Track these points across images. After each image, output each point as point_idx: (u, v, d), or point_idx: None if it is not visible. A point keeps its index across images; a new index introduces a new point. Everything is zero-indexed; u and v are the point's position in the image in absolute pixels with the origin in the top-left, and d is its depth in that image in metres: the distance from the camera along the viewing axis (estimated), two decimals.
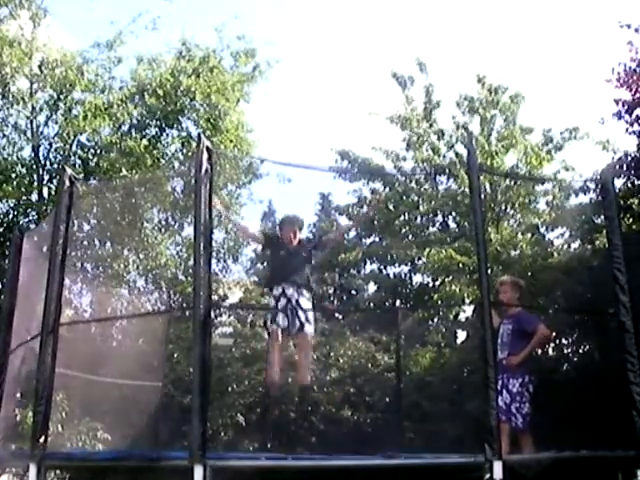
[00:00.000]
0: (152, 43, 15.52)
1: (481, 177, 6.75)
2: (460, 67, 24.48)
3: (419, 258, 13.38)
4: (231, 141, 14.38)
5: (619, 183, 9.29)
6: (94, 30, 14.82)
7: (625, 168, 9.27)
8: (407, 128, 14.60)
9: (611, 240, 5.45)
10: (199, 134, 5.43)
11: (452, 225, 14.51)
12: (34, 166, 14.14)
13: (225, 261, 14.40)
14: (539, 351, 7.73)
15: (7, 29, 13.71)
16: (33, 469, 4.83)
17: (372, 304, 15.05)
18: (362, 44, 28.58)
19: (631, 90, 9.16)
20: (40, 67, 13.99)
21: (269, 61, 15.23)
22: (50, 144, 14.32)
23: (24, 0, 13.78)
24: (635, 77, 9.08)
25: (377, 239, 15.26)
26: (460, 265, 10.98)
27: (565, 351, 9.98)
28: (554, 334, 7.14)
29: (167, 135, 14.75)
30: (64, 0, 15.69)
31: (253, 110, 16.37)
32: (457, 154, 14.36)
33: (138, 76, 14.66)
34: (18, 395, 6.74)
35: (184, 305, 11.33)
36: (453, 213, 14.27)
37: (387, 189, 14.75)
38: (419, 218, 14.81)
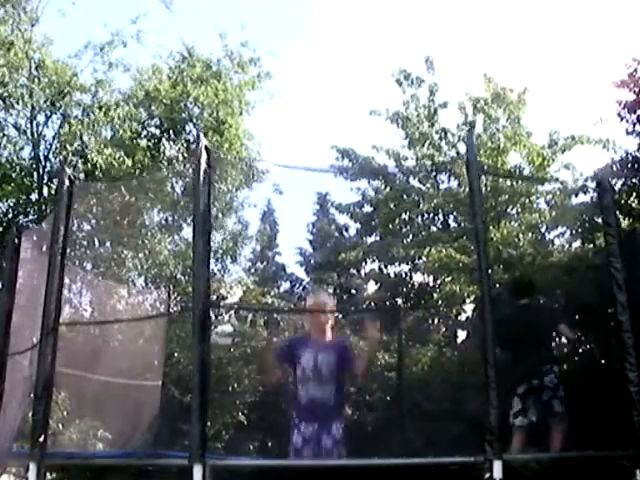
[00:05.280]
0: (155, 50, 15.65)
1: (482, 176, 6.76)
2: (461, 67, 24.48)
3: (419, 257, 13.38)
4: (236, 152, 14.49)
5: (619, 183, 9.28)
6: (93, 33, 14.89)
7: (625, 168, 9.26)
8: (408, 127, 14.62)
9: (609, 239, 5.44)
10: (198, 134, 5.46)
11: (453, 224, 14.51)
12: (34, 166, 14.17)
13: (224, 261, 14.47)
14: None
15: (5, 29, 13.76)
16: (33, 469, 4.84)
17: (372, 303, 15.04)
18: (363, 42, 28.59)
19: (634, 91, 9.13)
20: (37, 69, 14.04)
21: (270, 72, 15.41)
22: (50, 144, 14.36)
23: (23, 1, 13.85)
24: (638, 78, 9.05)
25: (377, 238, 15.26)
26: (460, 264, 10.98)
27: (565, 350, 9.97)
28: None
29: (169, 139, 14.82)
30: (62, 1, 15.70)
31: (255, 111, 16.47)
32: (458, 153, 14.37)
33: (139, 83, 14.76)
34: (32, 396, 6.74)
35: (183, 305, 11.34)
36: (454, 212, 14.28)
37: (388, 188, 14.76)
38: (419, 217, 14.82)
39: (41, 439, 4.88)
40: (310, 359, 5.52)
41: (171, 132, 14.60)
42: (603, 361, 8.53)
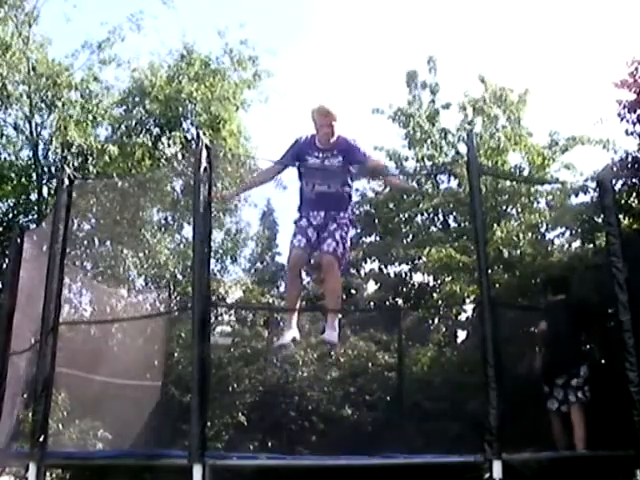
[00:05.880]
0: (153, 46, 15.66)
1: (482, 176, 6.75)
2: (461, 67, 24.46)
3: (419, 257, 13.37)
4: (230, 149, 14.45)
5: (619, 183, 9.26)
6: (91, 33, 14.94)
7: (625, 168, 9.25)
8: (410, 125, 14.63)
9: (610, 239, 5.45)
10: (198, 133, 5.44)
11: (453, 224, 14.50)
12: (33, 165, 14.17)
13: (224, 261, 14.46)
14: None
15: (4, 29, 13.77)
16: (33, 469, 4.84)
17: (372, 303, 15.04)
18: (363, 42, 28.57)
19: (634, 91, 9.09)
20: (35, 69, 14.04)
21: (268, 71, 15.39)
22: (49, 144, 14.36)
23: (19, 1, 13.86)
24: (638, 78, 9.02)
25: (377, 238, 15.26)
26: (460, 264, 10.96)
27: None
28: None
29: (168, 137, 14.80)
30: (59, 3, 15.70)
31: (253, 110, 16.48)
32: (458, 153, 14.37)
33: (137, 79, 14.74)
34: (25, 396, 6.74)
35: (183, 305, 11.33)
36: (454, 212, 14.27)
37: (387, 188, 14.75)
38: (419, 217, 14.82)
39: (41, 439, 4.88)
40: (317, 161, 5.58)
41: (167, 129, 14.59)
42: (603, 361, 8.50)
